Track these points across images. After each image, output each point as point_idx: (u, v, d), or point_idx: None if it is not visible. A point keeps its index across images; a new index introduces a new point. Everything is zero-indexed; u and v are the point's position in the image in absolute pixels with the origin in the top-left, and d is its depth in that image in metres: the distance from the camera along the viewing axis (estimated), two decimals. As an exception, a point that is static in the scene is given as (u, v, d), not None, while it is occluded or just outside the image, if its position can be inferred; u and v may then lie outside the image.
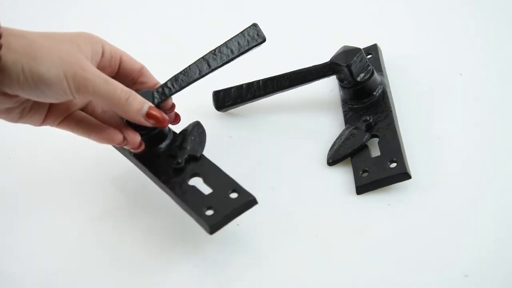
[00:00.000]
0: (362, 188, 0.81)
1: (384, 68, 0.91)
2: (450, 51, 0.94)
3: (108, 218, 0.83)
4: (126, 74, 0.78)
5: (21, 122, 0.76)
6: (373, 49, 0.94)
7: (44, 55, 0.70)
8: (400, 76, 0.91)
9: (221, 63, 0.79)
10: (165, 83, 0.78)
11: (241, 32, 0.80)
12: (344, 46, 0.87)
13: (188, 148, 0.79)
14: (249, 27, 0.80)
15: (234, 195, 0.75)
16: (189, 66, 0.79)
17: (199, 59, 0.79)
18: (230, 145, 0.89)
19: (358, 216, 0.79)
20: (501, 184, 0.79)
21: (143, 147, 0.78)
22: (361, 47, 0.88)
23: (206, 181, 0.77)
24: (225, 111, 0.93)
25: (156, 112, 0.75)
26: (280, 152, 0.87)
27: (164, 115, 0.76)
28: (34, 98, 0.72)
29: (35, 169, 0.90)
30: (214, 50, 0.79)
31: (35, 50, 0.69)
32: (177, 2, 1.12)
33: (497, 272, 0.72)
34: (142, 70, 0.79)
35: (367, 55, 0.93)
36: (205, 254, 0.78)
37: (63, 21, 1.11)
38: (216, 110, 0.93)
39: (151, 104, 0.75)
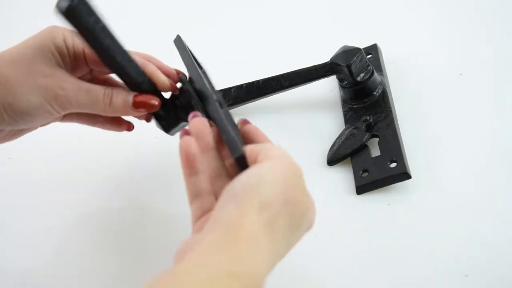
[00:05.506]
0: (362, 188, 0.81)
1: (384, 68, 0.91)
2: (450, 51, 0.93)
3: (111, 220, 0.84)
4: None
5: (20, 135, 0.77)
6: (373, 49, 0.94)
7: (20, 86, 0.70)
8: (400, 76, 0.91)
9: None
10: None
11: None
12: (344, 46, 0.87)
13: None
14: None
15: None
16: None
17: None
18: (230, 145, 0.89)
19: (358, 216, 0.79)
20: (501, 184, 0.78)
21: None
22: (361, 47, 0.88)
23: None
24: (225, 111, 0.93)
25: (142, 98, 0.73)
26: (280, 152, 0.87)
27: (153, 99, 0.74)
28: (24, 127, 0.74)
29: (35, 169, 0.90)
30: None
31: (9, 84, 0.70)
32: (177, 3, 1.12)
33: (497, 272, 0.72)
34: None
35: (367, 55, 0.93)
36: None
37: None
38: (216, 110, 0.93)
39: (134, 93, 0.73)
